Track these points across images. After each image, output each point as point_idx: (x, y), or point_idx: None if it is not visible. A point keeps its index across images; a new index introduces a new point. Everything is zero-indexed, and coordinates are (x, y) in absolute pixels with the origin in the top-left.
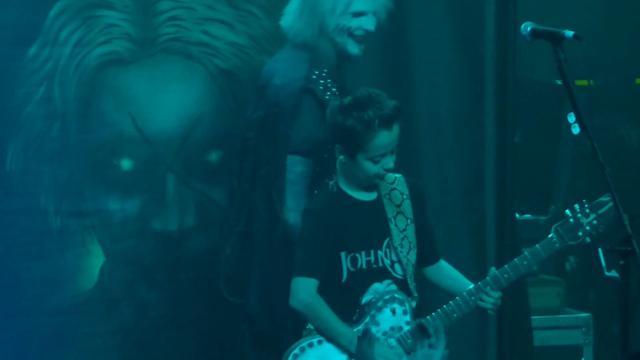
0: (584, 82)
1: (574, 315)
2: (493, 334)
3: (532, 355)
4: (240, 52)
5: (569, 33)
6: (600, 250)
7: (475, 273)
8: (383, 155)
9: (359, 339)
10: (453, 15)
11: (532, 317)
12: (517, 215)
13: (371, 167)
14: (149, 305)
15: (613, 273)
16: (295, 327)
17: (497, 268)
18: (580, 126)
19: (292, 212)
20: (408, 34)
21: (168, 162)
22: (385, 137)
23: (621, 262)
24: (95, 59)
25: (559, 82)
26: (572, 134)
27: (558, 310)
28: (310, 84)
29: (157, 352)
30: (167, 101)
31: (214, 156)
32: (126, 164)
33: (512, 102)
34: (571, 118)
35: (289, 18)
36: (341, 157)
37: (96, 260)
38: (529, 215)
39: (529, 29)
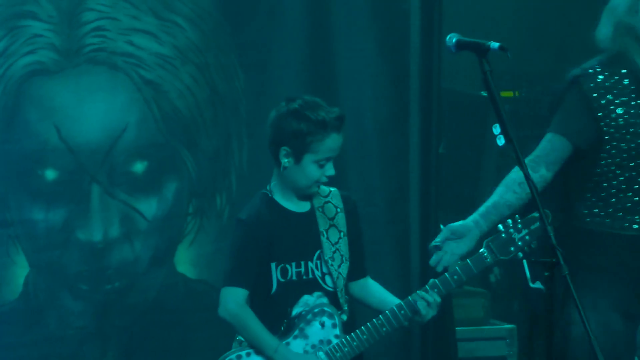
0: (509, 94)
1: (498, 326)
2: (417, 345)
3: None
4: (165, 62)
5: (495, 44)
6: (524, 261)
7: (399, 283)
8: (328, 160)
9: None
10: (378, 26)
11: (456, 328)
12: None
13: (315, 172)
14: (73, 316)
15: (538, 285)
16: None
17: (421, 278)
18: (506, 137)
19: None
20: (333, 44)
21: (93, 173)
22: (335, 141)
23: (546, 273)
24: (20, 69)
25: (484, 93)
26: (497, 145)
27: (482, 322)
28: (581, 77)
29: None
30: (92, 111)
31: (138, 167)
32: (51, 174)
33: (437, 113)
34: (496, 129)
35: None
36: (285, 160)
37: (20, 270)
38: None
39: (454, 40)
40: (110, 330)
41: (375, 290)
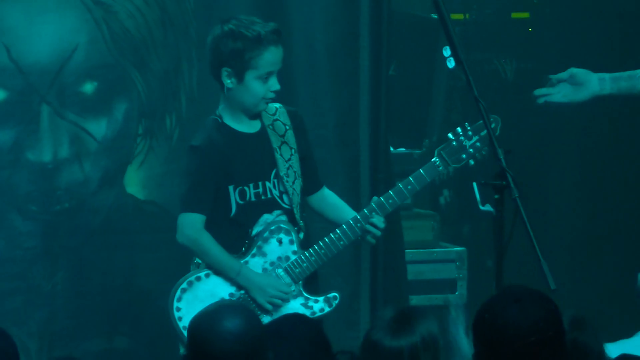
0: (459, 16)
1: (448, 249)
2: (367, 267)
3: (406, 289)
4: None
5: None
6: (474, 184)
7: (349, 205)
8: (270, 74)
9: None
10: None
11: (406, 250)
12: (392, 148)
13: (259, 88)
14: (22, 236)
15: (487, 207)
16: None
17: (371, 200)
18: (456, 60)
19: None
20: None
21: (42, 93)
22: (274, 54)
23: (496, 196)
24: None
25: (434, 15)
26: (447, 68)
27: (432, 244)
28: None
29: (31, 283)
30: (42, 32)
31: (88, 87)
32: (0, 94)
33: (387, 35)
34: (446, 52)
35: None
36: (228, 81)
37: None
38: (403, 149)
39: None
40: (60, 251)
41: (332, 203)
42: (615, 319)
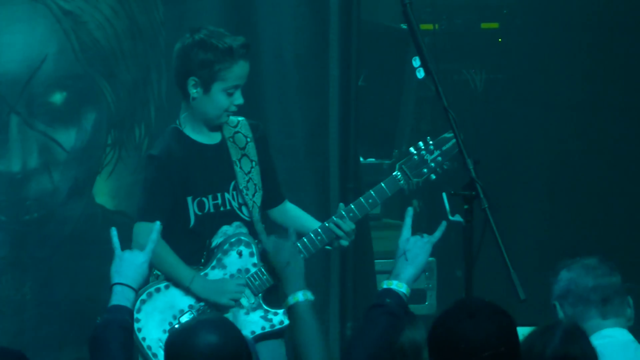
0: (429, 26)
1: None
2: (336, 278)
3: None
4: None
5: None
6: (444, 194)
7: (319, 216)
8: (236, 88)
9: None
10: None
11: (375, 260)
12: (361, 159)
13: (224, 101)
14: None
15: (457, 217)
16: None
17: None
18: (425, 70)
19: None
20: None
21: (12, 103)
22: (243, 68)
23: (465, 206)
24: None
25: (404, 26)
26: (417, 78)
27: None
28: None
29: (0, 293)
30: (11, 42)
31: (57, 97)
32: None
33: (357, 45)
34: (416, 62)
35: None
36: (193, 91)
37: None
38: (373, 159)
39: None
40: (29, 261)
41: (295, 215)
42: None
